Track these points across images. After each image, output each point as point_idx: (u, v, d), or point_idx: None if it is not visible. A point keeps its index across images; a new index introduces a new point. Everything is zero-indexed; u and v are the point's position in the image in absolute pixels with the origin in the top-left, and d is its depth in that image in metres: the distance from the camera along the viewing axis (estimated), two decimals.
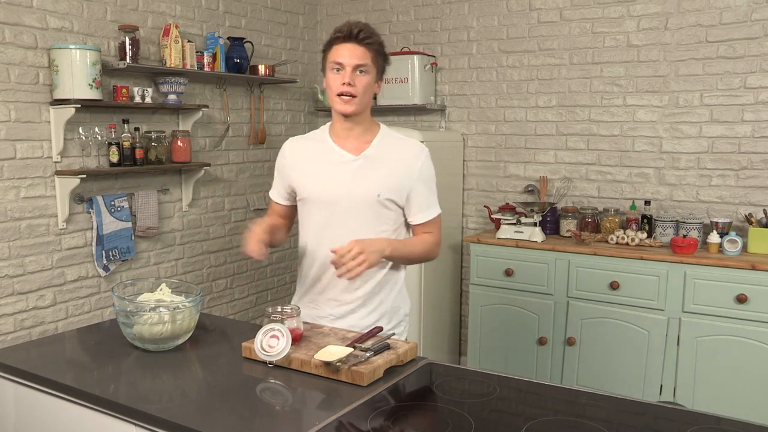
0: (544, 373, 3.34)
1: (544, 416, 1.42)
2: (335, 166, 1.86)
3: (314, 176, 1.88)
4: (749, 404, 2.84)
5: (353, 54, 1.76)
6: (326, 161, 1.88)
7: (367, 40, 1.77)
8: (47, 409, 1.62)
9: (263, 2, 4.03)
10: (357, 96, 1.78)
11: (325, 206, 1.86)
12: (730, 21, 3.17)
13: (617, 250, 3.12)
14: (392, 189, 1.84)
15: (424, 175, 1.87)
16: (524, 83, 3.76)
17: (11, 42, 2.77)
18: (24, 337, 2.88)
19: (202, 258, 3.75)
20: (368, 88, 1.80)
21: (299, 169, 1.91)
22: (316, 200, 1.88)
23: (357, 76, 1.77)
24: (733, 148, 3.23)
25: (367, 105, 1.84)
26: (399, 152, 1.87)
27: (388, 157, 1.86)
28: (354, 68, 1.76)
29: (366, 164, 1.85)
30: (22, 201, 2.85)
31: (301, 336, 1.70)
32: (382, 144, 1.88)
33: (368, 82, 1.79)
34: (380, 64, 1.82)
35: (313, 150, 1.92)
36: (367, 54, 1.77)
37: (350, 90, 1.77)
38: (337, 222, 1.85)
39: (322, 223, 1.88)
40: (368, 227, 1.83)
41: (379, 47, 1.80)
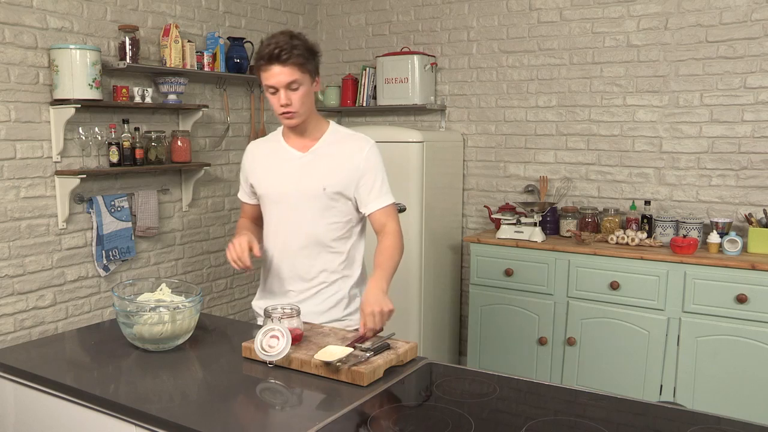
0: (544, 373, 3.34)
1: (544, 416, 1.42)
2: (284, 162, 1.97)
3: (267, 174, 2.00)
4: (749, 404, 2.83)
5: (281, 75, 1.80)
6: (278, 159, 1.99)
7: (288, 57, 1.78)
8: (47, 409, 1.62)
9: (263, 2, 4.03)
10: (297, 110, 1.85)
11: (276, 201, 1.98)
12: (730, 21, 3.17)
13: (617, 250, 3.12)
14: (338, 182, 1.91)
15: (370, 165, 1.93)
16: (524, 83, 3.76)
17: (11, 42, 2.77)
18: (24, 337, 2.88)
19: (202, 258, 3.75)
20: (305, 97, 1.85)
21: (256, 168, 2.03)
22: (268, 196, 1.99)
23: (291, 93, 1.83)
24: (733, 148, 3.23)
25: (309, 111, 1.90)
26: (344, 146, 1.95)
27: (334, 152, 1.94)
28: (286, 87, 1.82)
29: (313, 160, 1.94)
30: (22, 201, 2.85)
31: (301, 336, 1.70)
32: (328, 140, 1.96)
33: (303, 92, 1.84)
34: (311, 67, 1.84)
35: (268, 150, 2.03)
36: (294, 69, 1.80)
37: (289, 109, 1.85)
38: (287, 216, 1.95)
39: (275, 217, 1.99)
40: (318, 220, 1.93)
41: (303, 55, 1.80)
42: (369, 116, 4.36)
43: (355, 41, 4.36)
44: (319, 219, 1.93)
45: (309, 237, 1.94)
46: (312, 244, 1.94)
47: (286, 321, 1.67)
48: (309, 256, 1.95)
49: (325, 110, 4.37)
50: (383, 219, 1.93)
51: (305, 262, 1.96)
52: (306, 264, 1.96)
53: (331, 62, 4.48)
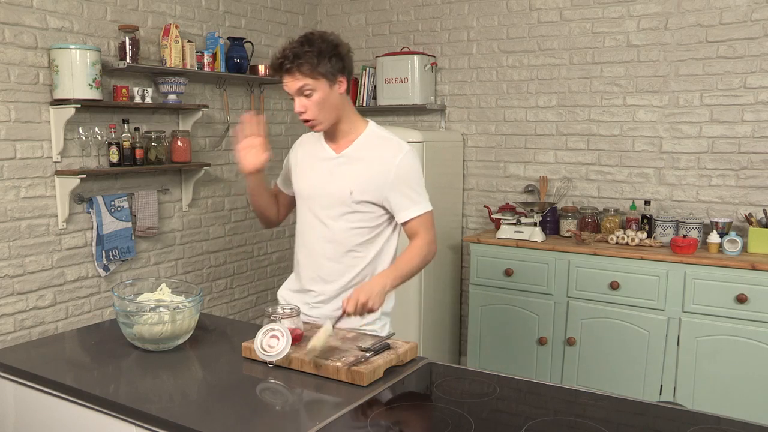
0: (544, 373, 3.34)
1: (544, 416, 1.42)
2: (318, 162, 1.94)
3: (303, 171, 1.98)
4: (749, 404, 2.84)
5: (291, 83, 1.78)
6: (314, 157, 1.96)
7: (291, 65, 1.75)
8: (47, 409, 1.62)
9: (263, 2, 4.03)
10: (314, 117, 1.81)
11: (306, 200, 1.96)
12: (730, 21, 3.17)
13: (617, 250, 3.12)
14: (366, 188, 1.85)
15: (403, 173, 1.85)
16: (524, 83, 3.76)
17: (11, 42, 2.77)
18: (24, 337, 2.88)
19: (202, 258, 3.75)
20: (322, 102, 1.79)
21: (297, 162, 2.02)
22: (299, 193, 1.98)
23: (305, 100, 1.79)
24: (733, 148, 3.23)
25: (333, 115, 1.84)
26: (378, 151, 1.88)
27: (367, 156, 1.88)
28: (298, 94, 1.79)
29: (345, 162, 1.89)
30: (22, 201, 2.85)
31: (301, 336, 1.70)
32: (363, 143, 1.90)
33: (319, 98, 1.78)
34: (325, 70, 1.76)
35: (310, 146, 2.01)
36: (301, 76, 1.75)
37: (305, 116, 1.81)
38: (315, 216, 1.92)
39: (304, 215, 1.97)
40: (344, 224, 1.88)
41: (313, 59, 1.74)
42: (369, 116, 4.31)
43: (355, 41, 4.36)
44: (344, 222, 1.87)
45: (332, 239, 1.89)
46: (335, 246, 1.89)
47: (286, 321, 1.67)
48: (332, 258, 1.90)
49: None
50: (415, 228, 1.87)
51: (327, 264, 1.91)
52: (327, 266, 1.91)
53: None
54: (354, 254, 1.89)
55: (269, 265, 4.21)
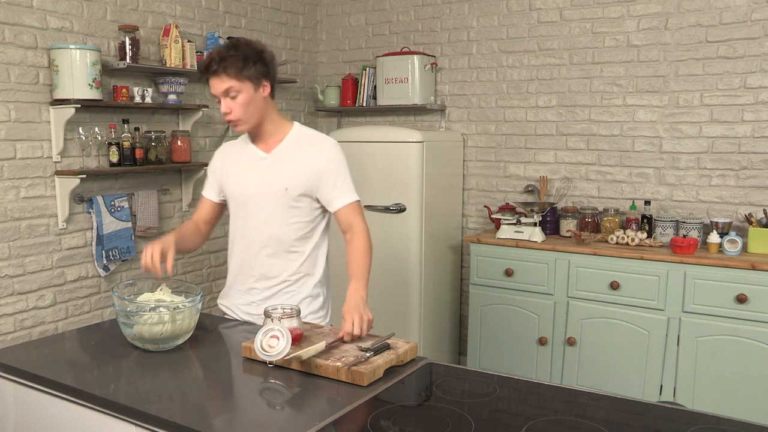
0: (544, 373, 3.34)
1: (544, 416, 1.42)
2: (249, 163, 2.01)
3: (233, 174, 2.04)
4: (749, 404, 2.83)
5: (217, 85, 1.86)
6: (244, 159, 2.03)
7: (218, 67, 1.83)
8: (47, 409, 1.62)
9: (263, 2, 4.03)
10: (239, 118, 1.89)
11: (241, 201, 2.02)
12: (730, 21, 3.17)
13: (617, 250, 3.12)
14: (300, 182, 1.94)
15: (331, 164, 1.95)
16: (524, 83, 3.76)
17: (11, 42, 2.77)
18: (24, 337, 2.88)
19: (202, 258, 3.75)
20: (247, 104, 1.88)
21: (224, 169, 2.07)
22: (234, 196, 2.04)
23: (230, 102, 1.87)
24: (733, 148, 3.23)
25: (257, 116, 1.93)
26: (307, 147, 1.98)
27: (297, 153, 1.97)
28: (224, 96, 1.87)
29: (276, 160, 1.97)
30: (22, 201, 2.85)
31: (301, 336, 1.70)
32: (291, 140, 1.99)
33: (244, 99, 1.87)
34: (250, 74, 1.85)
35: (236, 151, 2.07)
36: (226, 78, 1.84)
37: (230, 117, 1.90)
38: (251, 216, 1.99)
39: (240, 217, 2.03)
40: (280, 220, 1.97)
41: (236, 64, 1.83)
42: (369, 116, 4.36)
43: (355, 41, 4.36)
44: (282, 219, 1.96)
45: (271, 237, 1.97)
46: (274, 243, 1.98)
47: (286, 321, 1.67)
48: (271, 255, 1.99)
49: (325, 110, 4.37)
50: (349, 217, 1.96)
51: (267, 261, 2.00)
52: (268, 263, 2.00)
53: (331, 62, 4.48)
54: (292, 249, 1.99)
55: None
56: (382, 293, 3.70)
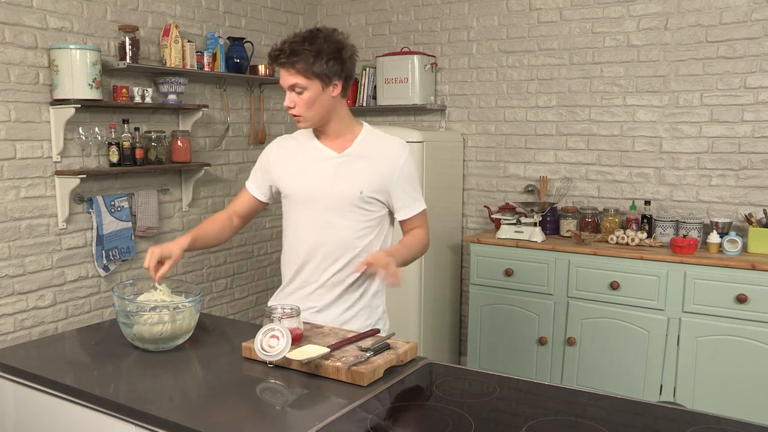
0: (544, 373, 3.34)
1: (544, 416, 1.42)
2: (318, 162, 1.89)
3: (298, 173, 1.92)
4: (749, 404, 2.83)
5: (284, 77, 1.79)
6: (310, 158, 1.91)
7: (287, 61, 1.74)
8: (47, 409, 1.62)
9: (263, 2, 4.03)
10: (301, 114, 1.81)
11: (308, 202, 1.90)
12: (730, 21, 3.17)
13: (617, 250, 3.12)
14: (375, 186, 1.86)
15: (406, 172, 1.90)
16: (524, 83, 3.76)
17: (11, 42, 2.77)
18: (24, 337, 2.88)
19: (202, 258, 3.75)
20: (312, 102, 1.78)
21: (284, 166, 1.95)
22: (299, 197, 1.92)
23: (296, 96, 1.79)
24: (733, 148, 3.23)
25: (322, 115, 1.83)
26: (381, 150, 1.89)
27: (371, 155, 1.88)
28: (290, 89, 1.79)
29: (348, 161, 1.87)
30: (22, 201, 2.85)
31: (301, 336, 1.70)
32: (364, 142, 1.90)
33: (309, 97, 1.77)
34: (320, 71, 1.74)
35: (298, 148, 1.96)
36: (294, 73, 1.75)
37: (293, 111, 1.82)
38: (320, 218, 1.88)
39: (305, 219, 1.91)
40: (351, 223, 1.87)
41: (310, 58, 1.73)
42: (369, 116, 4.36)
43: (355, 41, 4.32)
44: (353, 223, 1.87)
45: (341, 240, 1.87)
46: (343, 246, 1.88)
47: (286, 321, 1.67)
48: (339, 258, 1.89)
49: None
50: (416, 224, 1.95)
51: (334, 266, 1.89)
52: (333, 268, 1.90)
53: None
54: (360, 254, 1.88)
55: (269, 265, 4.21)
56: None
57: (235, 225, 2.06)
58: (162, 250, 1.80)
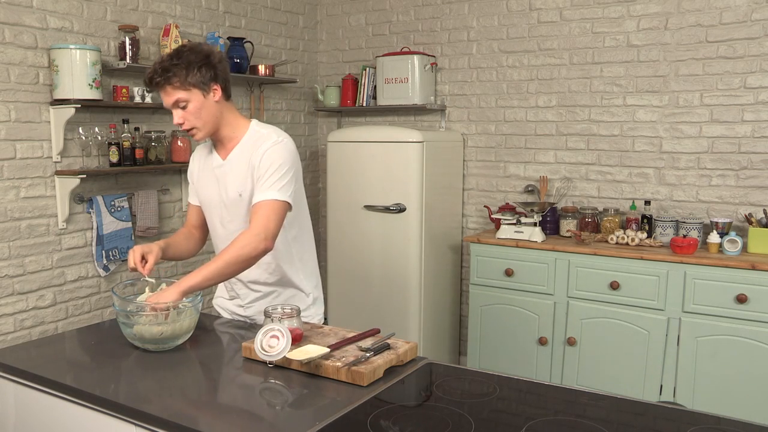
0: (544, 373, 3.34)
1: (544, 416, 1.42)
2: (209, 171, 1.99)
3: (201, 183, 2.03)
4: (749, 404, 2.83)
5: (166, 97, 1.82)
6: (206, 168, 2.01)
7: (161, 79, 1.79)
8: (47, 409, 1.62)
9: (263, 2, 4.03)
10: (193, 126, 1.85)
11: (207, 210, 2.03)
12: (730, 21, 3.17)
13: (617, 250, 3.12)
14: (247, 185, 1.88)
15: (265, 159, 1.84)
16: (524, 83, 3.76)
17: (11, 42, 2.77)
18: (24, 337, 2.88)
19: (202, 258, 3.74)
20: (198, 111, 1.82)
21: (196, 175, 2.06)
22: (203, 204, 2.05)
23: (182, 112, 1.83)
24: (733, 148, 3.23)
25: (210, 122, 1.87)
26: (255, 148, 1.89)
27: (246, 155, 1.90)
28: (174, 106, 1.83)
29: (228, 166, 1.93)
30: (22, 201, 2.85)
31: (301, 336, 1.70)
32: (245, 144, 1.92)
33: (194, 107, 1.82)
34: (195, 80, 1.79)
35: (202, 158, 2.05)
36: (174, 89, 1.79)
37: (184, 127, 1.86)
38: (218, 222, 1.99)
39: (210, 224, 2.05)
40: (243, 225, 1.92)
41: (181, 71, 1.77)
42: (369, 116, 4.36)
43: (355, 41, 4.36)
44: (244, 224, 1.91)
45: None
46: None
47: (286, 321, 1.67)
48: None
49: (325, 110, 4.38)
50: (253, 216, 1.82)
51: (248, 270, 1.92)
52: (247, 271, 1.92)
53: (331, 62, 4.48)
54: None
55: None
56: (382, 293, 3.70)
57: (197, 236, 2.12)
58: (141, 248, 1.85)
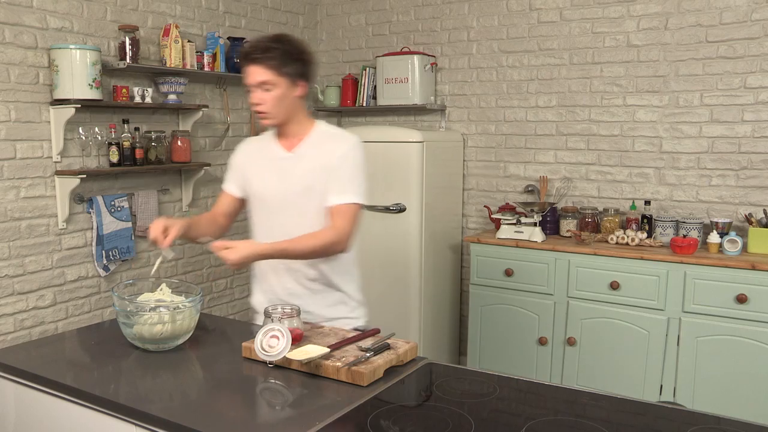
0: (544, 373, 3.34)
1: (544, 416, 1.42)
2: (271, 162, 1.99)
3: (257, 172, 2.02)
4: (749, 404, 2.84)
5: (253, 74, 1.86)
6: (266, 158, 2.01)
7: (260, 57, 1.83)
8: (47, 409, 1.62)
9: (263, 2, 4.03)
10: (268, 111, 1.89)
11: (263, 201, 2.00)
12: (730, 21, 3.17)
13: (617, 250, 3.12)
14: (317, 180, 1.91)
15: (343, 161, 1.89)
16: (524, 83, 3.76)
17: (11, 42, 2.77)
18: (24, 337, 2.88)
19: (202, 258, 3.75)
20: (278, 100, 1.87)
21: (246, 168, 2.05)
22: (256, 195, 2.02)
23: (263, 94, 1.87)
24: (733, 148, 3.23)
25: (286, 113, 1.92)
26: (327, 145, 1.94)
27: (316, 151, 1.94)
28: (257, 87, 1.87)
29: (295, 159, 1.95)
30: (22, 201, 2.85)
31: (301, 336, 1.70)
32: (313, 139, 1.97)
33: (276, 95, 1.86)
34: (289, 71, 1.85)
35: (259, 147, 2.06)
36: (266, 71, 1.83)
37: (259, 108, 1.89)
38: (274, 216, 1.97)
39: (262, 218, 2.02)
40: (303, 220, 1.93)
41: (281, 58, 1.83)
42: (369, 116, 4.36)
43: (355, 41, 4.36)
44: (303, 218, 1.92)
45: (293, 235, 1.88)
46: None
47: (286, 321, 1.67)
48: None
49: (325, 110, 4.37)
50: (334, 216, 1.86)
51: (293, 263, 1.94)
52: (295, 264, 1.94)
53: (331, 62, 4.48)
54: None
55: None
56: (382, 293, 3.70)
57: (221, 223, 2.10)
58: (165, 220, 1.83)
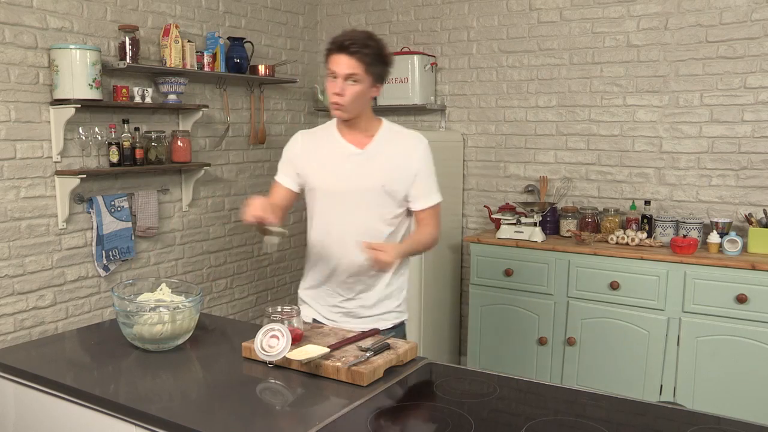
0: (544, 373, 3.34)
1: (544, 416, 1.42)
2: (342, 158, 1.98)
3: (323, 167, 2.00)
4: (749, 404, 2.84)
5: (344, 64, 1.86)
6: (333, 153, 2.00)
7: (358, 51, 1.85)
8: (47, 409, 1.62)
9: (263, 2, 4.03)
10: (345, 104, 1.89)
11: (333, 196, 1.99)
12: (730, 21, 3.17)
13: (617, 250, 3.12)
14: (395, 179, 1.95)
15: (423, 164, 1.99)
16: (524, 83, 3.76)
17: (11, 42, 2.77)
18: (24, 337, 2.88)
19: (202, 258, 3.75)
20: (358, 95, 1.89)
21: (308, 160, 2.03)
22: (324, 190, 2.00)
23: (347, 86, 1.88)
24: (733, 148, 3.23)
25: (359, 110, 1.94)
26: (400, 144, 2.01)
27: (390, 150, 1.99)
28: (345, 78, 1.87)
29: (370, 156, 1.97)
30: (22, 201, 2.85)
31: (301, 336, 1.70)
32: (384, 137, 2.01)
33: (359, 90, 1.88)
34: (376, 71, 1.90)
35: (320, 142, 2.04)
36: (358, 64, 1.86)
37: (339, 99, 1.89)
38: (344, 211, 1.97)
39: (330, 212, 2.00)
40: (373, 216, 1.96)
41: (373, 56, 1.87)
42: None
43: None
44: (376, 216, 1.96)
45: (366, 231, 1.93)
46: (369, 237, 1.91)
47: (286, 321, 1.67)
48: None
49: (325, 110, 4.37)
50: (426, 218, 2.00)
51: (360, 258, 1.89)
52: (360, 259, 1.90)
53: None
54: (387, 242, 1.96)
55: (269, 265, 4.21)
56: None
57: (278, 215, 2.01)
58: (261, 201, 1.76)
